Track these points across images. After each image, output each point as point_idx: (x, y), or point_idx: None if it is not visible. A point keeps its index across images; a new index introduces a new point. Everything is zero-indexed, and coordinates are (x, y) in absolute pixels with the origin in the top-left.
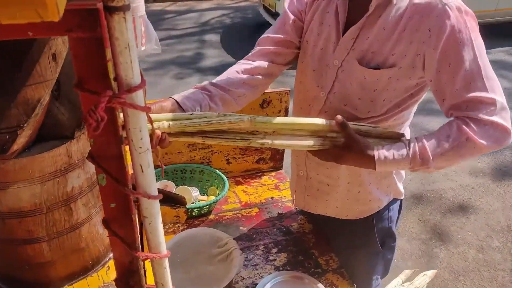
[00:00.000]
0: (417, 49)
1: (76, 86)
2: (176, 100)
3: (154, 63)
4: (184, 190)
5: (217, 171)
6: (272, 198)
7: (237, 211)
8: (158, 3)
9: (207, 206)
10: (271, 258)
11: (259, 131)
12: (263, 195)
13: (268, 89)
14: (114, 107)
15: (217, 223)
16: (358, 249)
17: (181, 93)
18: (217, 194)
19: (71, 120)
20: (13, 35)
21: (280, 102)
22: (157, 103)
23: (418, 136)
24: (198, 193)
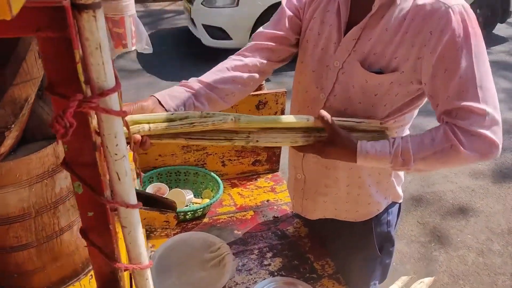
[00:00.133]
0: (418, 52)
1: (46, 89)
2: (158, 99)
3: (154, 63)
4: (177, 193)
5: (212, 173)
6: (267, 201)
7: (232, 214)
8: (157, 3)
9: (201, 210)
10: (265, 262)
11: (243, 130)
12: (259, 198)
13: (264, 90)
14: (86, 112)
15: (211, 226)
16: (356, 253)
17: (164, 91)
18: (212, 197)
19: None
20: None
21: (276, 104)
22: (138, 103)
23: (404, 136)
24: (192, 195)
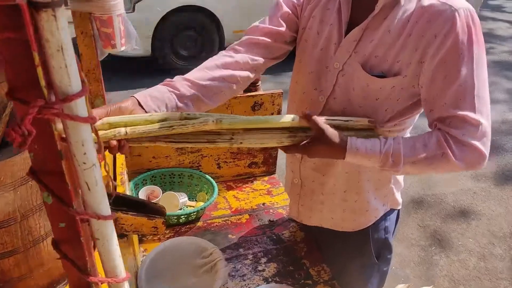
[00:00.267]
0: (421, 56)
1: (7, 94)
2: (138, 100)
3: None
4: (170, 196)
5: (207, 175)
6: (263, 204)
7: (227, 218)
8: None
9: (195, 213)
10: (259, 268)
11: (226, 131)
12: (255, 201)
13: (260, 91)
14: (48, 118)
15: (205, 230)
16: (352, 260)
17: (146, 91)
18: (206, 200)
19: None
20: None
21: (273, 105)
22: (116, 104)
23: (396, 137)
24: (187, 199)
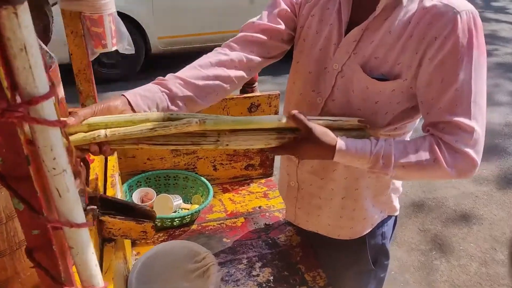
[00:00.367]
0: (421, 59)
1: None
2: (128, 100)
3: (167, 61)
4: (164, 199)
5: (202, 178)
6: (259, 207)
7: (222, 221)
8: None
9: (189, 216)
10: (254, 273)
11: (212, 132)
12: (251, 204)
13: (257, 92)
14: (12, 122)
15: (199, 233)
16: (348, 266)
17: (136, 90)
18: (202, 203)
19: None
20: None
21: (270, 106)
22: (105, 103)
23: (388, 139)
24: (181, 201)
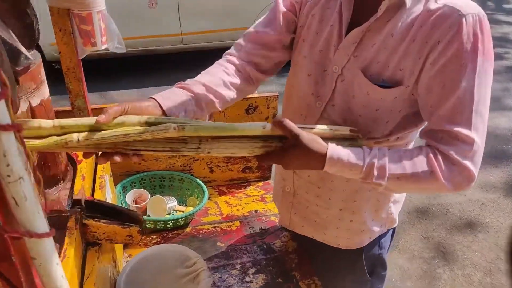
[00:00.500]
0: (424, 64)
1: None
2: (158, 103)
3: (176, 59)
4: (158, 200)
5: (198, 179)
6: (256, 211)
7: (217, 224)
8: None
9: (183, 219)
10: (247, 279)
11: (193, 139)
12: (247, 207)
13: (255, 94)
14: None
15: (193, 237)
16: (344, 275)
17: (164, 94)
18: (197, 205)
19: None
20: None
21: (268, 108)
22: (135, 103)
23: (382, 148)
24: (176, 203)
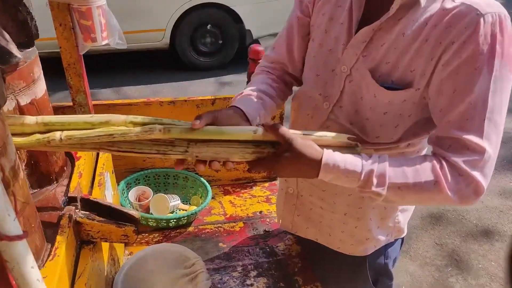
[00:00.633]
0: (435, 65)
1: None
2: (241, 110)
3: (169, 60)
4: (161, 198)
5: (202, 178)
6: (260, 212)
7: (220, 225)
8: None
9: (185, 218)
10: (248, 282)
11: (180, 141)
12: (251, 208)
13: None
14: None
15: (195, 236)
16: (345, 282)
17: (240, 100)
18: (200, 204)
19: None
20: None
21: None
22: (223, 111)
23: (382, 155)
24: (179, 201)
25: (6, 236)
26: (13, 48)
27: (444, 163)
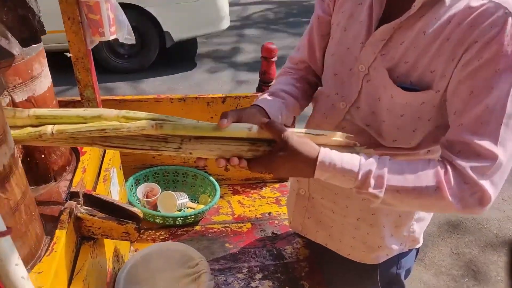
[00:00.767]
0: (456, 66)
1: None
2: (264, 109)
3: (187, 56)
4: (168, 196)
5: (211, 177)
6: (269, 213)
7: (227, 225)
8: None
9: (193, 216)
10: (253, 284)
11: (174, 138)
12: (260, 209)
13: None
14: None
15: (202, 235)
16: None
17: (262, 100)
18: (208, 203)
19: None
20: None
21: None
22: (247, 110)
23: (383, 157)
24: (187, 199)
25: None
26: (5, 44)
27: (449, 168)
